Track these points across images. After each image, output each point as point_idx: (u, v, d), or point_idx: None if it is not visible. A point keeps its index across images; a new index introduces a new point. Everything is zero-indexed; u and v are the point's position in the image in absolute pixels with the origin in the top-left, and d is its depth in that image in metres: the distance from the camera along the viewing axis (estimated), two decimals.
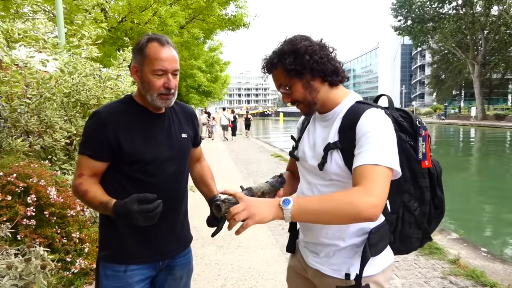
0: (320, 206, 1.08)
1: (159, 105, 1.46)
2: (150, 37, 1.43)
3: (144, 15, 9.07)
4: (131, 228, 1.45)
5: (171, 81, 1.43)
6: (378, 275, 1.31)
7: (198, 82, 23.01)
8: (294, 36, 1.32)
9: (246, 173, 9.07)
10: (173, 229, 1.58)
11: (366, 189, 1.09)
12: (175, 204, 1.58)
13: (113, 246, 1.49)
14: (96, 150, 1.42)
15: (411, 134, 1.31)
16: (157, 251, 1.53)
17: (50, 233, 2.88)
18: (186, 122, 1.66)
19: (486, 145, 21.80)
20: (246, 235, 4.44)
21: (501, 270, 3.52)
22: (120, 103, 1.52)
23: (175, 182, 1.55)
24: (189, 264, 1.70)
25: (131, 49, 1.51)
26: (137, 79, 1.47)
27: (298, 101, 1.34)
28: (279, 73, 1.31)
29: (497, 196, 9.09)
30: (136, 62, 1.45)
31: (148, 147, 1.46)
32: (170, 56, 1.42)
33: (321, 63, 1.27)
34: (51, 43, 4.31)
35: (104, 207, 1.35)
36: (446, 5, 40.19)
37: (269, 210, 1.07)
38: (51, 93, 4.02)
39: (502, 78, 51.31)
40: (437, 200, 1.35)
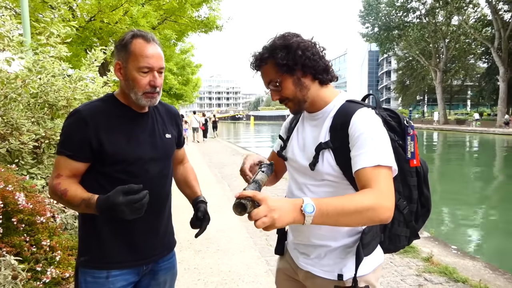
0: (341, 211, 1.04)
1: (143, 104, 1.41)
2: (134, 33, 1.38)
3: (114, 14, 8.81)
4: (113, 231, 1.40)
5: (157, 79, 1.39)
6: (369, 274, 1.32)
7: (169, 84, 22.65)
8: (285, 32, 1.30)
9: (220, 176, 8.99)
10: (157, 232, 1.53)
11: (380, 192, 1.09)
12: (159, 206, 1.52)
13: (93, 250, 1.42)
14: (75, 150, 1.35)
15: (399, 133, 1.32)
16: (141, 255, 1.47)
17: (18, 242, 2.70)
18: (170, 122, 1.61)
19: (448, 148, 22.87)
20: (224, 238, 4.39)
21: (471, 266, 3.67)
22: (101, 101, 1.45)
23: (158, 183, 1.50)
24: (173, 268, 1.65)
25: (114, 46, 1.46)
26: (121, 77, 1.41)
27: (288, 99, 1.32)
28: (270, 68, 1.28)
29: (460, 196, 9.53)
30: (119, 59, 1.39)
31: (131, 147, 1.41)
32: (156, 53, 1.38)
33: (313, 59, 1.26)
34: (17, 41, 4.09)
35: (86, 203, 1.29)
36: (410, 14, 42.00)
37: (291, 215, 1.00)
38: (17, 94, 3.80)
39: (462, 85, 54.16)
40: (424, 199, 1.37)
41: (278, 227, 1.01)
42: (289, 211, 1.00)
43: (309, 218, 1.01)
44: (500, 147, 22.91)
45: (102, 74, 5.30)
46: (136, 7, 8.91)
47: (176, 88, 24.41)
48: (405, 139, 1.30)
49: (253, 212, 0.97)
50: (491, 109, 51.47)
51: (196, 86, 31.22)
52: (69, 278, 2.78)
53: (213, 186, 7.63)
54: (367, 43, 55.36)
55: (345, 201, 1.07)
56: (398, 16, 42.38)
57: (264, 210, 0.97)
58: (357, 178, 1.17)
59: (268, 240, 4.34)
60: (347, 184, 1.27)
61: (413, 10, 41.49)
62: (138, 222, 1.39)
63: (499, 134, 30.06)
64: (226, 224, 4.88)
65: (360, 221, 1.10)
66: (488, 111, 51.17)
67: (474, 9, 39.62)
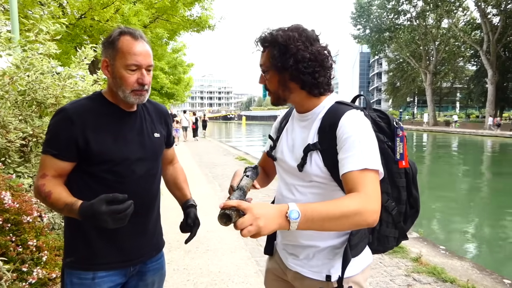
0: (326, 216, 1.04)
1: (132, 102, 1.39)
2: (122, 30, 1.36)
3: (105, 12, 8.70)
4: (99, 232, 1.36)
5: (145, 76, 1.37)
6: (358, 275, 1.32)
7: (160, 83, 22.50)
8: (297, 29, 1.26)
9: (211, 176, 8.96)
10: (145, 233, 1.50)
11: (367, 196, 1.09)
12: (147, 207, 1.50)
13: (79, 251, 1.39)
14: (61, 149, 1.33)
15: (388, 134, 1.32)
16: (128, 256, 1.45)
17: (3, 242, 2.65)
18: (159, 121, 1.59)
19: (437, 149, 23.16)
20: (214, 238, 4.37)
21: (459, 267, 3.72)
22: (88, 99, 1.43)
23: (146, 183, 1.47)
24: (161, 269, 1.62)
25: (101, 43, 1.44)
26: (108, 75, 1.39)
27: (269, 90, 1.34)
28: (265, 56, 1.30)
29: (448, 196, 9.65)
30: (107, 57, 1.37)
31: (118, 146, 1.39)
32: (144, 50, 1.36)
33: (302, 73, 1.23)
34: (5, 38, 4.02)
35: (69, 209, 1.26)
36: (401, 16, 42.47)
37: (276, 222, 1.00)
38: (5, 91, 3.73)
39: (451, 87, 54.89)
40: (412, 199, 1.37)
41: (265, 235, 1.01)
42: (274, 218, 1.00)
43: (294, 224, 1.01)
44: (487, 149, 23.28)
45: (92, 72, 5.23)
46: (128, 5, 8.83)
47: (168, 87, 24.26)
48: (394, 140, 1.30)
49: (238, 222, 0.97)
50: (480, 111, 52.28)
51: (188, 86, 31.06)
52: (55, 278, 2.73)
53: (204, 186, 7.60)
54: (358, 44, 55.75)
55: (331, 206, 1.06)
56: (389, 19, 42.82)
57: (249, 219, 0.97)
58: (344, 181, 1.17)
59: (259, 240, 4.33)
60: (335, 186, 1.26)
61: (404, 12, 41.97)
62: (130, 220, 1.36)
63: (487, 136, 30.54)
64: (216, 225, 4.80)
65: (346, 226, 1.10)
66: (476, 113, 52.00)
67: (463, 12, 40.27)
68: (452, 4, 37.08)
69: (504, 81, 38.33)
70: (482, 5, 34.17)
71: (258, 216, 0.98)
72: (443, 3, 35.96)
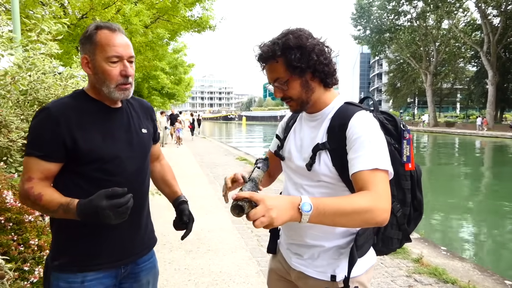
0: (337, 211, 1.05)
1: (117, 97, 1.35)
2: (98, 25, 1.33)
3: (106, 12, 8.70)
4: (91, 231, 1.33)
5: (128, 68, 1.33)
6: (362, 275, 1.32)
7: (161, 84, 22.48)
8: (299, 29, 1.27)
9: (212, 176, 8.96)
10: (137, 231, 1.47)
11: (378, 194, 1.10)
12: (138, 204, 1.43)
13: (69, 253, 1.34)
14: (47, 150, 1.27)
15: (395, 137, 1.32)
16: (119, 255, 1.41)
17: (5, 241, 2.65)
18: (145, 117, 1.56)
19: (438, 149, 23.15)
20: (215, 238, 4.37)
21: (460, 268, 3.72)
22: (70, 98, 1.37)
23: (137, 181, 1.44)
24: (154, 267, 1.60)
25: (79, 40, 1.40)
26: (90, 71, 1.34)
27: (292, 99, 1.31)
28: (279, 66, 1.25)
29: (449, 196, 9.65)
30: (86, 53, 1.33)
31: (107, 144, 1.35)
32: (123, 42, 1.33)
33: (325, 64, 1.25)
34: (7, 37, 4.02)
35: (65, 208, 1.21)
36: (401, 17, 42.47)
37: (288, 213, 1.01)
38: (6, 91, 3.74)
39: (452, 88, 54.87)
40: (416, 202, 1.37)
41: (277, 226, 1.01)
42: (287, 209, 1.01)
43: (305, 217, 1.02)
44: (487, 149, 23.28)
45: None
46: (129, 6, 8.83)
47: (168, 87, 24.23)
48: (401, 143, 1.30)
49: (251, 213, 0.97)
50: (480, 112, 52.27)
51: (189, 86, 31.06)
52: None
53: (205, 186, 7.60)
54: (359, 45, 55.83)
55: (343, 201, 1.07)
56: (389, 19, 42.83)
57: (262, 210, 0.97)
58: (354, 181, 1.17)
59: (259, 240, 4.34)
60: (343, 187, 1.27)
61: (404, 13, 41.98)
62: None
63: (487, 136, 30.53)
64: (217, 225, 4.87)
65: (356, 223, 1.10)
66: (477, 114, 51.96)
67: (464, 13, 40.27)
68: (452, 5, 37.09)
69: (504, 82, 38.36)
70: (482, 6, 34.18)
71: (271, 207, 0.98)
72: (443, 4, 35.97)
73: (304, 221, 1.02)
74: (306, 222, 1.03)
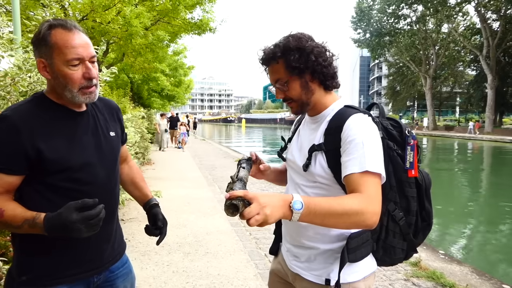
0: (328, 211, 1.06)
1: (81, 102, 1.26)
2: (51, 24, 1.20)
3: (107, 14, 8.74)
4: (59, 243, 1.25)
5: (91, 69, 1.22)
6: (359, 282, 1.31)
7: (161, 86, 22.48)
8: (300, 33, 1.32)
9: (211, 178, 8.95)
10: (108, 238, 1.41)
11: (369, 197, 1.11)
12: (110, 211, 1.38)
13: (37, 267, 1.24)
14: (8, 163, 1.16)
15: (399, 143, 1.31)
16: (91, 264, 1.34)
17: (3, 242, 2.66)
18: (112, 118, 1.47)
19: (437, 153, 23.17)
20: (213, 241, 4.37)
21: (458, 271, 3.72)
22: (30, 103, 1.24)
23: (108, 187, 1.38)
24: (130, 272, 1.53)
25: (30, 42, 1.30)
26: (48, 76, 1.23)
27: (292, 100, 1.33)
28: (280, 67, 1.29)
29: (447, 200, 9.65)
30: (41, 56, 1.21)
31: (74, 151, 1.25)
32: (82, 41, 1.21)
33: (324, 66, 1.28)
34: (7, 39, 4.03)
35: (31, 224, 1.11)
36: (401, 21, 42.53)
37: (280, 211, 1.02)
38: (6, 92, 3.74)
39: (451, 91, 54.97)
40: (425, 213, 1.35)
41: (271, 223, 1.02)
42: (279, 206, 1.02)
43: (296, 215, 1.03)
44: (486, 153, 23.30)
45: None
46: (129, 8, 8.86)
47: (168, 89, 24.24)
48: (404, 149, 1.30)
49: (245, 211, 0.98)
50: (479, 116, 52.36)
51: (189, 88, 31.05)
52: None
53: (204, 189, 7.60)
54: (358, 48, 55.93)
55: (334, 202, 1.09)
56: (389, 23, 42.89)
57: (256, 208, 0.98)
58: (346, 183, 1.18)
59: (258, 243, 4.34)
60: (339, 189, 1.28)
61: (404, 17, 42.05)
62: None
63: (486, 140, 30.57)
64: (215, 227, 4.87)
65: (346, 224, 1.11)
66: (476, 117, 52.02)
67: (463, 17, 40.39)
68: (452, 9, 37.19)
69: (504, 86, 38.44)
70: (482, 10, 34.31)
71: (264, 205, 0.99)
72: (443, 8, 36.07)
73: (294, 219, 1.04)
74: (296, 220, 1.04)
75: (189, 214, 5.57)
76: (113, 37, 10.07)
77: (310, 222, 1.08)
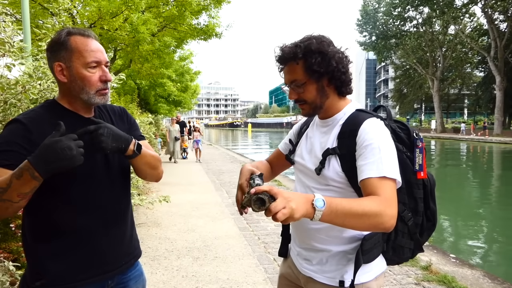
0: (349, 212, 1.06)
1: (97, 103, 1.32)
2: (69, 31, 1.28)
3: (114, 21, 8.85)
4: (73, 246, 1.28)
5: (107, 73, 1.31)
6: (371, 282, 1.32)
7: (167, 91, 22.63)
8: (321, 35, 1.31)
9: (218, 183, 8.97)
10: (121, 243, 1.43)
11: (387, 201, 1.11)
12: (121, 215, 1.42)
13: (51, 271, 1.26)
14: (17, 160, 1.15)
15: (408, 145, 1.33)
16: (105, 267, 1.36)
17: (15, 247, 2.69)
18: (120, 120, 1.50)
19: (446, 155, 22.94)
20: (222, 245, 4.37)
21: (470, 275, 3.67)
22: (42, 108, 1.30)
23: (117, 192, 1.40)
24: (141, 275, 1.56)
25: (46, 48, 1.33)
26: (65, 79, 1.27)
27: (305, 102, 1.33)
28: (298, 68, 1.28)
29: (457, 202, 9.54)
30: (59, 60, 1.26)
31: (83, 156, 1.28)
32: (99, 47, 1.30)
33: (342, 72, 1.28)
34: (17, 47, 4.10)
35: (17, 174, 1.07)
36: (407, 23, 42.36)
37: (304, 207, 1.01)
38: (17, 99, 3.80)
39: (459, 93, 54.53)
40: (430, 212, 1.37)
41: (297, 219, 1.00)
42: (302, 203, 1.01)
43: (318, 213, 1.02)
44: (496, 155, 23.01)
45: None
46: (136, 14, 8.96)
47: (175, 95, 24.40)
48: (413, 151, 1.31)
49: (272, 206, 0.97)
50: (488, 117, 51.80)
51: (195, 93, 31.23)
52: None
53: (212, 194, 7.61)
54: (364, 51, 55.79)
55: (354, 203, 1.09)
56: (395, 25, 42.76)
57: (282, 202, 0.97)
58: (362, 187, 1.19)
59: (267, 248, 4.33)
60: (352, 192, 1.28)
61: (410, 19, 41.89)
62: (101, 232, 1.33)
63: (496, 142, 30.21)
64: (224, 232, 4.87)
65: (365, 226, 1.11)
66: (484, 119, 51.45)
67: (470, 18, 40.17)
68: (458, 10, 36.96)
69: None
70: (489, 11, 34.03)
71: (290, 199, 0.98)
72: (449, 10, 35.87)
73: (316, 218, 1.02)
74: (318, 220, 1.03)
75: (197, 219, 5.58)
76: (121, 43, 10.19)
77: (330, 222, 1.07)
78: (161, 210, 5.77)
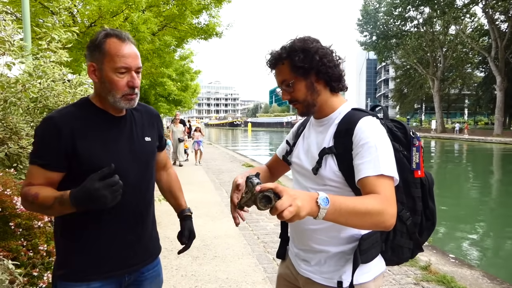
0: (352, 210, 1.06)
1: (122, 107, 1.35)
2: (107, 32, 1.31)
3: (115, 20, 8.82)
4: (94, 240, 1.34)
5: (135, 79, 1.33)
6: (369, 282, 1.32)
7: (168, 90, 22.64)
8: (306, 36, 1.33)
9: (218, 183, 8.97)
10: (140, 240, 1.46)
11: (387, 199, 1.11)
12: (142, 215, 1.45)
13: (73, 262, 1.34)
14: (49, 159, 1.27)
15: (404, 144, 1.32)
16: (123, 264, 1.41)
17: (15, 246, 2.69)
18: (150, 124, 1.54)
19: (446, 156, 22.94)
20: (221, 245, 4.37)
21: (469, 275, 3.67)
22: (75, 106, 1.38)
23: (140, 191, 1.43)
24: (158, 276, 1.58)
25: (86, 46, 1.38)
26: (96, 79, 1.33)
27: (298, 101, 1.34)
28: (285, 68, 1.31)
29: (457, 203, 9.54)
30: (93, 60, 1.32)
31: (109, 154, 1.34)
32: (132, 52, 1.32)
33: (328, 67, 1.29)
34: (17, 46, 4.10)
35: (60, 201, 1.19)
36: (408, 23, 42.40)
37: (308, 205, 0.99)
38: (17, 98, 3.80)
39: (459, 94, 54.51)
40: (429, 211, 1.36)
41: (302, 217, 0.98)
42: (307, 201, 0.99)
43: (323, 211, 1.01)
44: (496, 155, 23.01)
45: None
46: (137, 14, 8.95)
47: (175, 94, 24.38)
48: (410, 150, 1.31)
49: (278, 204, 0.95)
50: (489, 118, 51.77)
51: (195, 92, 31.21)
52: None
53: (211, 193, 7.62)
54: (365, 51, 55.79)
55: (357, 201, 1.09)
56: (396, 25, 42.76)
57: (288, 200, 0.96)
58: (361, 186, 1.19)
59: (266, 247, 4.33)
60: (349, 191, 1.28)
61: (411, 19, 41.90)
62: (121, 229, 1.37)
63: (496, 143, 30.20)
64: (223, 231, 4.87)
65: (367, 224, 1.11)
66: (485, 120, 51.47)
67: (471, 19, 40.20)
68: (459, 10, 36.96)
69: None
70: (489, 11, 34.03)
71: (295, 197, 0.97)
72: (450, 10, 35.86)
73: (320, 216, 1.01)
74: (322, 218, 1.02)
75: (196, 218, 5.55)
76: None
77: (333, 221, 1.05)
78: (160, 209, 5.72)
